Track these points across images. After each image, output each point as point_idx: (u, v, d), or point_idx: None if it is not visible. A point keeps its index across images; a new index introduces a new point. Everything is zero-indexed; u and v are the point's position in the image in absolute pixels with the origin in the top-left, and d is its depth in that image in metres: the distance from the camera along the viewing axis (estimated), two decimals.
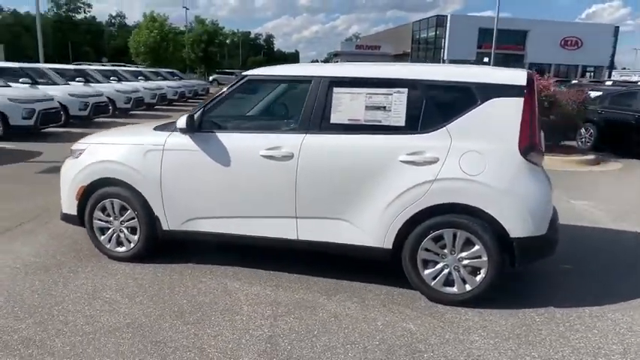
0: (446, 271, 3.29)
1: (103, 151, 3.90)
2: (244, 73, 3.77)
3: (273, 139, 3.48)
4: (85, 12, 78.51)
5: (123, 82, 17.52)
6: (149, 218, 3.79)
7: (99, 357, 2.66)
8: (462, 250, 3.22)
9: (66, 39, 68.97)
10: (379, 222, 3.30)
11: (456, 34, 48.67)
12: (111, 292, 3.42)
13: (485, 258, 3.17)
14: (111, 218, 3.92)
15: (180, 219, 3.75)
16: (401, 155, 3.22)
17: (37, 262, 3.91)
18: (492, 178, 3.11)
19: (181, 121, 3.57)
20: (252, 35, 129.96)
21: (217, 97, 3.71)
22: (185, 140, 3.64)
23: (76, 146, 4.09)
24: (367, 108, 3.36)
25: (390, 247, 3.32)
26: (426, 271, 3.31)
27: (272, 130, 3.63)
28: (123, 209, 3.87)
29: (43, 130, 11.00)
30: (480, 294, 3.24)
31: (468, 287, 3.26)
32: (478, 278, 3.23)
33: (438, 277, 3.30)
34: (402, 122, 3.30)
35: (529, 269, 3.88)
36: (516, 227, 3.10)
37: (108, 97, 14.53)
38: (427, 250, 3.27)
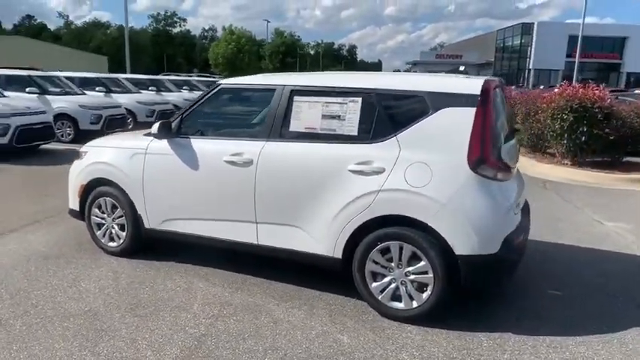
0: (393, 285, 3.19)
1: (100, 154, 4.26)
2: (218, 82, 3.95)
3: (237, 146, 3.60)
4: (180, 26, 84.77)
5: (194, 91, 18.71)
6: (134, 217, 4.08)
7: (44, 338, 2.92)
8: (408, 265, 3.11)
9: (162, 51, 74.93)
10: (329, 231, 3.28)
11: (544, 42, 45.93)
12: (87, 283, 3.72)
13: (431, 274, 3.04)
14: (105, 215, 4.26)
15: (158, 219, 3.99)
16: (350, 165, 3.19)
17: (43, 252, 4.34)
18: (437, 190, 2.97)
19: (154, 127, 3.82)
20: (335, 46, 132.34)
21: (194, 104, 3.92)
22: (163, 145, 3.88)
23: (82, 149, 4.51)
24: (323, 117, 3.37)
25: (340, 256, 3.29)
26: (374, 284, 3.24)
27: (238, 136, 3.75)
28: (114, 207, 4.19)
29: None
30: (427, 312, 3.09)
31: (414, 304, 3.13)
32: (424, 295, 3.09)
33: (386, 291, 3.21)
34: (354, 131, 3.27)
35: (509, 291, 3.64)
36: (460, 244, 2.94)
37: (175, 105, 15.60)
38: (375, 262, 3.20)
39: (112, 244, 4.28)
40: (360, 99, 3.28)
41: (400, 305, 3.17)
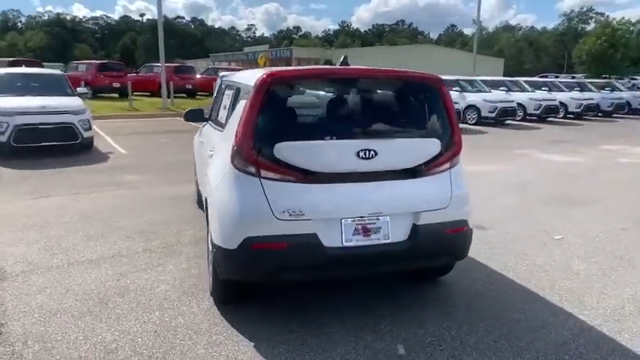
0: None
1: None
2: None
3: (208, 129, 4.50)
4: (595, 22, 76.27)
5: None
6: (196, 179, 5.57)
7: (70, 230, 4.85)
8: None
9: (567, 49, 70.03)
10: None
11: None
12: (151, 215, 5.41)
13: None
14: None
15: (198, 181, 5.36)
16: (209, 150, 3.67)
17: (178, 196, 6.27)
18: (213, 177, 3.22)
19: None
20: None
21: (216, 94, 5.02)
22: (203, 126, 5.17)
23: None
24: (223, 107, 3.93)
25: None
26: (210, 257, 3.58)
27: (214, 122, 4.58)
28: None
29: (504, 122, 16.45)
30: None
31: None
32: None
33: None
34: (224, 120, 3.68)
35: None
36: (212, 232, 3.06)
37: (518, 104, 17.08)
38: None
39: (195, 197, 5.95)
40: (232, 92, 3.66)
41: None
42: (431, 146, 3.12)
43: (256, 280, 3.04)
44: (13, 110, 8.36)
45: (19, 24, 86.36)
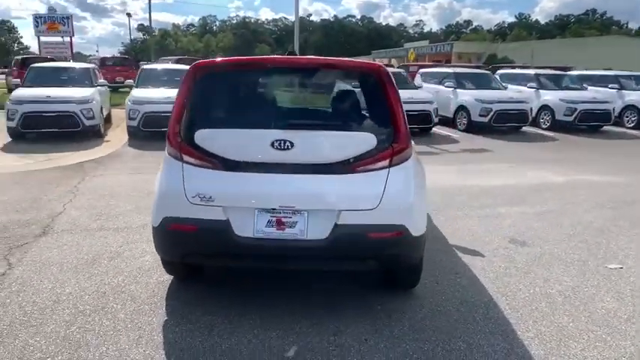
0: None
1: None
2: None
3: None
4: None
5: None
6: None
7: (111, 197, 5.64)
8: None
9: None
10: None
11: None
12: None
13: None
14: None
15: None
16: None
17: None
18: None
19: None
20: None
21: None
22: None
23: None
24: None
25: None
26: None
27: None
28: None
29: None
30: None
31: None
32: None
33: None
34: None
35: None
36: None
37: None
38: None
39: None
40: None
41: None
42: (362, 141, 2.86)
43: (175, 259, 3.20)
44: (144, 99, 9.98)
45: (214, 27, 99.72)
